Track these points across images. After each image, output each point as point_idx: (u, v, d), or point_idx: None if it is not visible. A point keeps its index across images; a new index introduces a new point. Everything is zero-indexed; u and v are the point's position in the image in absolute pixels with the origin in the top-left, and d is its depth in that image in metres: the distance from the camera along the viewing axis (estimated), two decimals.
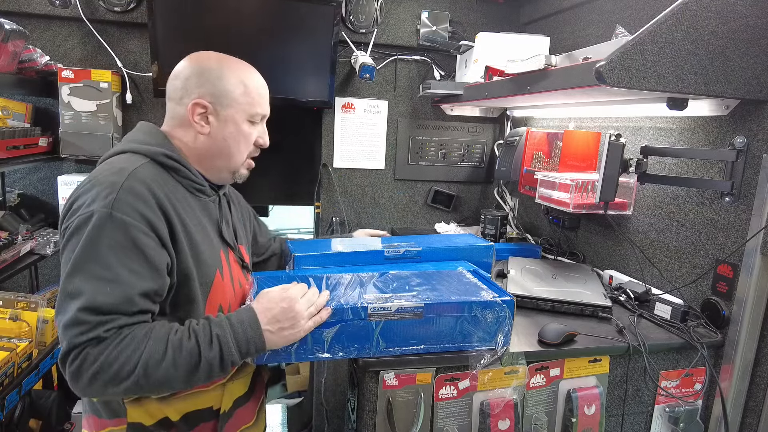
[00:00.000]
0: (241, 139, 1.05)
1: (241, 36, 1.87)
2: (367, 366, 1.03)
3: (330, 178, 2.20)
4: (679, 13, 1.00)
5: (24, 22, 1.75)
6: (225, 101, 1.01)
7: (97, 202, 0.86)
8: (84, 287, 0.83)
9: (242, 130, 1.04)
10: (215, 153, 1.04)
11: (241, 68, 1.05)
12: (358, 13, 2.03)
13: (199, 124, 1.01)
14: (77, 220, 0.86)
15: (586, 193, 1.42)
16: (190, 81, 1.01)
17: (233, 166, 1.07)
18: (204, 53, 1.05)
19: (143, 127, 1.05)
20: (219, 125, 1.02)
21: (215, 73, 1.01)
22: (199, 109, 1.00)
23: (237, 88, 1.02)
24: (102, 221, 0.84)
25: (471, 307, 1.02)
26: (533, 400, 1.14)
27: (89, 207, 0.86)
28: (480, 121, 2.31)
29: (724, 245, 1.23)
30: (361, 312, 0.98)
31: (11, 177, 2.01)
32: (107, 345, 0.83)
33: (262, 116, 1.10)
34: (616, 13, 1.65)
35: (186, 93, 1.01)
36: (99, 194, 0.86)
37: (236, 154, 1.05)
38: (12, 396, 1.40)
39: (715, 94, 1.07)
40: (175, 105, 1.03)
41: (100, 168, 0.95)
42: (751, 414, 1.22)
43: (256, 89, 1.06)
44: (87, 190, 0.89)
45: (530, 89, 1.32)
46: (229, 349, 0.89)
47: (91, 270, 0.83)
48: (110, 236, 0.85)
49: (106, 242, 0.84)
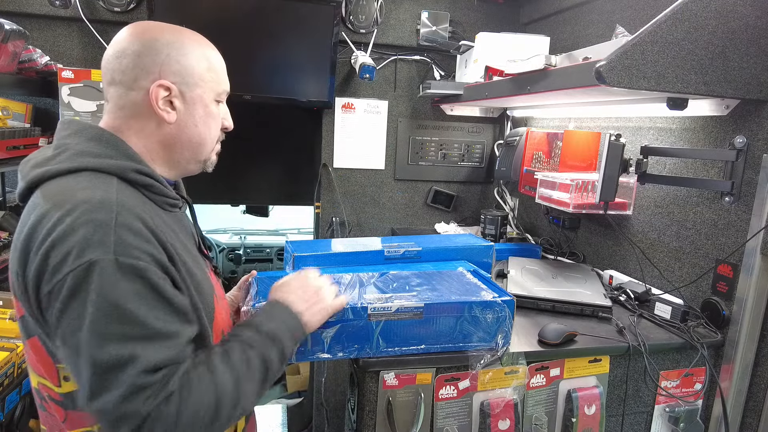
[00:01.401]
0: (211, 123, 0.90)
1: (241, 36, 1.87)
2: (368, 366, 1.03)
3: (330, 178, 2.20)
4: (679, 13, 1.00)
5: (24, 23, 1.75)
6: (191, 80, 0.85)
7: (91, 249, 0.68)
8: (128, 352, 0.68)
9: (211, 112, 0.89)
10: (183, 143, 0.87)
11: (199, 40, 0.89)
12: (358, 13, 2.03)
13: (165, 110, 0.83)
14: (71, 279, 0.67)
15: (586, 193, 1.42)
16: (144, 58, 0.82)
17: (204, 154, 0.91)
18: (149, 23, 0.87)
19: (85, 131, 0.82)
20: (186, 109, 0.86)
21: (175, 47, 0.84)
22: (163, 91, 0.82)
23: (201, 64, 0.86)
24: (109, 272, 0.68)
25: (471, 307, 1.02)
26: (533, 400, 1.14)
27: (82, 257, 0.67)
28: (480, 121, 2.31)
29: (724, 245, 1.23)
30: (362, 312, 0.98)
31: (11, 177, 2.01)
32: (179, 397, 0.70)
33: (227, 93, 0.95)
34: (616, 13, 1.65)
35: (142, 73, 0.82)
36: (89, 238, 0.68)
37: (208, 140, 0.90)
38: (12, 396, 1.40)
39: (715, 94, 1.07)
40: (124, 91, 0.83)
41: (56, 200, 0.73)
42: (751, 414, 1.22)
43: (220, 63, 0.91)
44: (64, 234, 0.69)
45: (530, 89, 1.32)
46: (285, 342, 0.85)
47: (123, 332, 0.68)
48: (126, 288, 0.69)
49: (124, 297, 0.69)
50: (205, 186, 2.26)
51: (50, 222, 0.70)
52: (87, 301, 0.67)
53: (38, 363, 0.79)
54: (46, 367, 0.79)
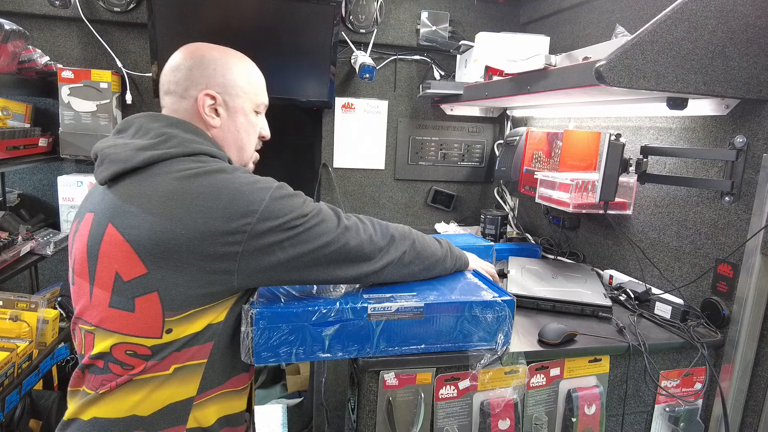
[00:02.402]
0: (251, 130, 1.04)
1: (241, 36, 1.87)
2: (367, 366, 1.03)
3: (330, 178, 2.20)
4: (679, 13, 1.00)
5: (24, 23, 1.75)
6: (233, 91, 0.99)
7: (266, 184, 0.89)
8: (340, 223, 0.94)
9: (251, 121, 1.04)
10: (229, 146, 1.02)
11: (241, 58, 1.04)
12: (358, 13, 2.03)
13: (210, 116, 0.98)
14: (270, 199, 0.87)
15: (586, 192, 1.42)
16: (194, 72, 0.97)
17: (244, 159, 1.06)
18: (201, 45, 1.01)
19: (181, 125, 0.95)
20: (229, 117, 1.00)
21: (220, 62, 0.98)
22: (209, 100, 0.97)
23: (242, 78, 1.00)
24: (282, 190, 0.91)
25: (471, 306, 1.02)
26: (533, 400, 1.14)
27: (268, 188, 0.89)
28: (480, 121, 2.31)
29: (724, 245, 1.23)
30: (362, 312, 0.98)
31: (11, 177, 2.01)
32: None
33: (265, 106, 1.09)
34: (616, 13, 1.65)
35: (192, 84, 0.97)
36: (259, 180, 0.90)
37: (248, 145, 1.05)
38: (12, 396, 1.40)
39: (715, 94, 1.07)
40: (177, 99, 0.98)
41: (214, 166, 0.89)
42: (751, 413, 1.22)
43: (259, 78, 1.06)
44: (242, 186, 0.87)
45: (530, 89, 1.32)
46: (451, 250, 1.15)
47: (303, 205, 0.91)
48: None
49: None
50: None
51: (229, 184, 0.86)
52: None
53: (139, 322, 0.85)
54: (149, 323, 0.85)
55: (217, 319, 0.89)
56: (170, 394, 0.88)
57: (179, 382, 0.88)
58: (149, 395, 0.86)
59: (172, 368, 0.87)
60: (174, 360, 0.87)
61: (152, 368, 0.86)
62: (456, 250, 1.18)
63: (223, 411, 0.95)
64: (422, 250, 1.08)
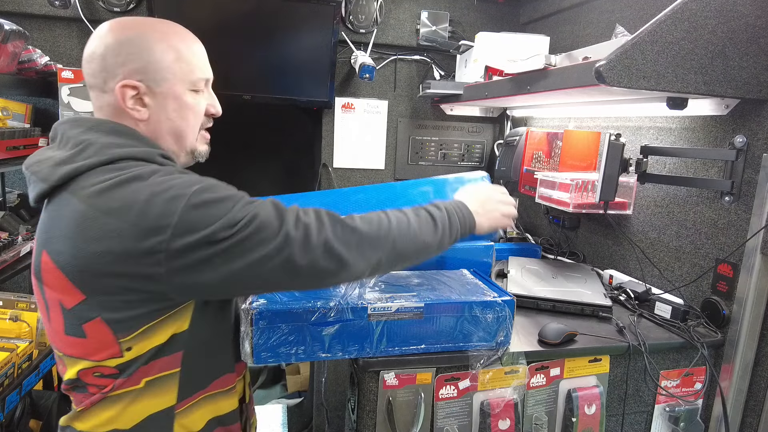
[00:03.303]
0: (188, 114, 0.89)
1: (241, 36, 1.87)
2: (368, 366, 1.03)
3: (330, 178, 2.20)
4: (679, 13, 1.00)
5: (24, 23, 1.75)
6: (157, 75, 0.84)
7: (181, 188, 0.75)
8: (249, 206, 0.78)
9: (186, 103, 0.88)
10: (164, 136, 0.88)
11: (166, 31, 0.88)
12: (358, 13, 2.03)
13: (135, 110, 0.84)
14: (184, 209, 0.74)
15: (586, 192, 1.42)
16: (108, 59, 0.82)
17: (187, 145, 0.91)
18: (117, 21, 0.86)
19: (101, 125, 0.84)
20: (158, 105, 0.86)
21: (137, 43, 0.83)
22: (130, 91, 0.83)
23: (167, 56, 0.85)
24: (205, 193, 0.76)
25: (471, 307, 1.02)
26: (533, 400, 1.14)
27: (183, 196, 0.75)
28: (480, 120, 2.31)
29: (724, 245, 1.23)
30: (362, 312, 0.98)
31: (11, 177, 2.01)
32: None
33: (206, 80, 0.93)
34: (615, 13, 1.65)
35: (109, 75, 0.83)
36: (173, 186, 0.76)
37: (187, 130, 0.90)
38: (12, 397, 1.40)
39: (715, 94, 1.07)
40: (99, 94, 0.85)
41: (121, 177, 0.76)
42: (751, 413, 1.22)
43: (191, 51, 0.89)
44: (154, 196, 0.74)
45: (530, 89, 1.32)
46: (453, 215, 0.97)
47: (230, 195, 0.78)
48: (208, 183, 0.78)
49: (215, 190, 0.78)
50: None
51: (139, 195, 0.74)
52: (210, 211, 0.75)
53: (94, 346, 0.80)
54: (105, 346, 0.80)
55: (181, 329, 0.83)
56: (147, 406, 0.84)
57: (154, 394, 0.84)
58: (125, 409, 0.83)
59: (143, 382, 0.83)
60: (143, 374, 0.82)
61: (122, 385, 0.82)
62: (455, 220, 0.98)
63: (213, 413, 0.92)
64: (405, 248, 0.89)
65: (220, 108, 0.95)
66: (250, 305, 0.97)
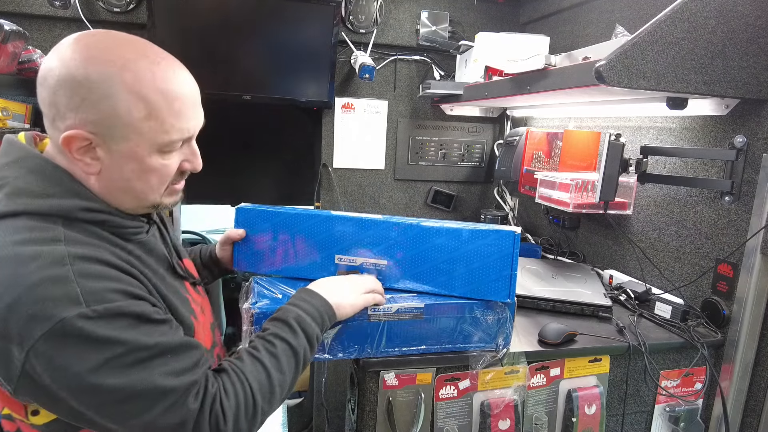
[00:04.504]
0: (150, 177, 0.73)
1: (241, 36, 1.87)
2: (368, 366, 1.03)
3: (330, 178, 2.20)
4: (679, 13, 1.00)
5: (24, 23, 1.75)
6: (116, 133, 0.67)
7: (54, 305, 0.60)
8: (139, 376, 0.64)
9: (150, 166, 0.71)
10: (117, 193, 0.73)
11: (144, 73, 0.67)
12: (358, 13, 2.03)
13: (82, 161, 0.69)
14: (44, 341, 0.59)
15: (586, 192, 1.42)
16: (60, 98, 0.66)
17: (148, 203, 0.76)
18: (84, 44, 0.67)
19: (27, 161, 0.69)
20: (113, 162, 0.70)
21: (97, 87, 0.65)
22: (79, 142, 0.67)
23: (133, 111, 0.67)
24: (87, 326, 0.61)
25: (472, 308, 1.02)
26: (534, 400, 1.14)
27: (47, 320, 0.59)
28: (480, 121, 2.31)
29: (725, 244, 1.23)
30: (362, 313, 0.98)
31: None
32: (222, 395, 0.72)
33: (186, 139, 0.75)
34: (615, 13, 1.65)
35: (57, 114, 0.67)
36: (47, 297, 0.60)
37: (147, 192, 0.74)
38: None
39: (715, 94, 1.07)
40: (48, 123, 0.69)
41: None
42: (751, 413, 1.22)
43: (169, 106, 0.69)
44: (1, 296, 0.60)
45: (530, 89, 1.32)
46: (310, 326, 0.85)
47: (123, 360, 0.63)
48: (113, 329, 0.63)
49: (114, 335, 0.63)
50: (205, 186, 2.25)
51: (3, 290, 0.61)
52: (73, 355, 0.61)
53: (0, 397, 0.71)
54: (9, 402, 0.71)
55: None
56: None
57: None
58: None
59: None
60: None
61: None
62: (312, 330, 0.86)
63: None
64: (281, 396, 0.83)
65: (200, 163, 0.79)
66: (251, 305, 0.97)
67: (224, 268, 1.15)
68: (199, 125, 0.77)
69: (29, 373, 0.61)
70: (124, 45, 0.69)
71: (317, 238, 1.05)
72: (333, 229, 1.04)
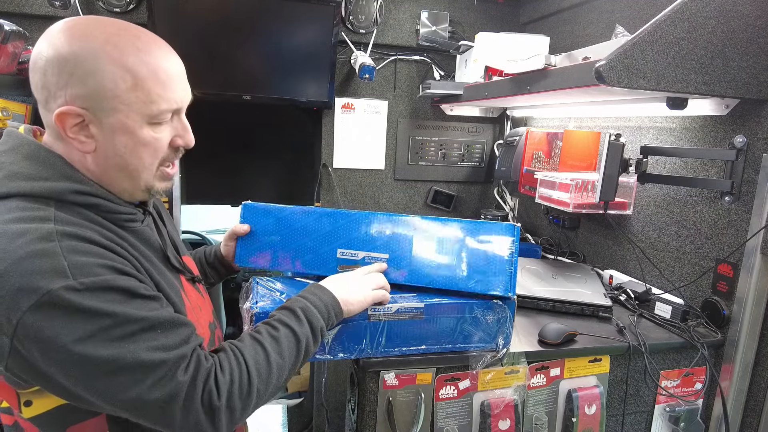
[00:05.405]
0: (142, 151, 0.74)
1: (241, 36, 1.87)
2: (368, 366, 1.03)
3: (330, 178, 2.20)
4: (679, 13, 1.00)
5: (24, 23, 1.75)
6: (106, 105, 0.69)
7: (41, 277, 0.61)
8: (127, 348, 0.65)
9: (141, 139, 0.73)
10: (113, 171, 0.75)
11: (128, 46, 0.70)
12: (358, 13, 2.03)
13: (77, 140, 0.71)
14: (31, 313, 0.61)
15: (586, 192, 1.42)
16: (49, 76, 0.68)
17: (142, 183, 0.77)
18: (69, 26, 0.70)
19: (22, 147, 0.72)
20: (105, 138, 0.72)
21: (83, 61, 0.68)
22: (72, 119, 0.69)
23: (120, 83, 0.69)
24: (75, 298, 0.62)
25: (472, 308, 1.02)
26: (534, 400, 1.14)
27: (34, 292, 0.60)
28: (480, 121, 2.31)
29: (725, 245, 1.23)
30: (362, 312, 0.98)
31: None
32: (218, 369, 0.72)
33: (174, 111, 0.76)
34: (615, 13, 1.65)
35: (50, 94, 0.69)
36: (34, 270, 0.61)
37: (140, 168, 0.75)
38: None
39: (715, 94, 1.07)
40: (42, 108, 0.72)
41: None
42: (751, 413, 1.22)
43: (155, 76, 0.72)
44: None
45: (530, 89, 1.32)
46: (315, 317, 0.86)
47: (111, 333, 0.64)
48: (101, 301, 0.64)
49: (102, 307, 0.64)
50: (205, 186, 2.26)
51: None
52: (63, 325, 0.62)
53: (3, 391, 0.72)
54: (4, 393, 0.72)
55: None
56: None
57: None
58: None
59: None
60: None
61: None
62: (316, 315, 0.87)
63: None
64: (279, 383, 0.81)
65: (192, 138, 0.80)
66: (251, 305, 0.97)
67: (230, 266, 1.16)
68: (187, 99, 0.79)
69: (18, 348, 0.62)
70: (108, 23, 0.72)
71: (320, 233, 1.07)
72: (336, 224, 1.07)
